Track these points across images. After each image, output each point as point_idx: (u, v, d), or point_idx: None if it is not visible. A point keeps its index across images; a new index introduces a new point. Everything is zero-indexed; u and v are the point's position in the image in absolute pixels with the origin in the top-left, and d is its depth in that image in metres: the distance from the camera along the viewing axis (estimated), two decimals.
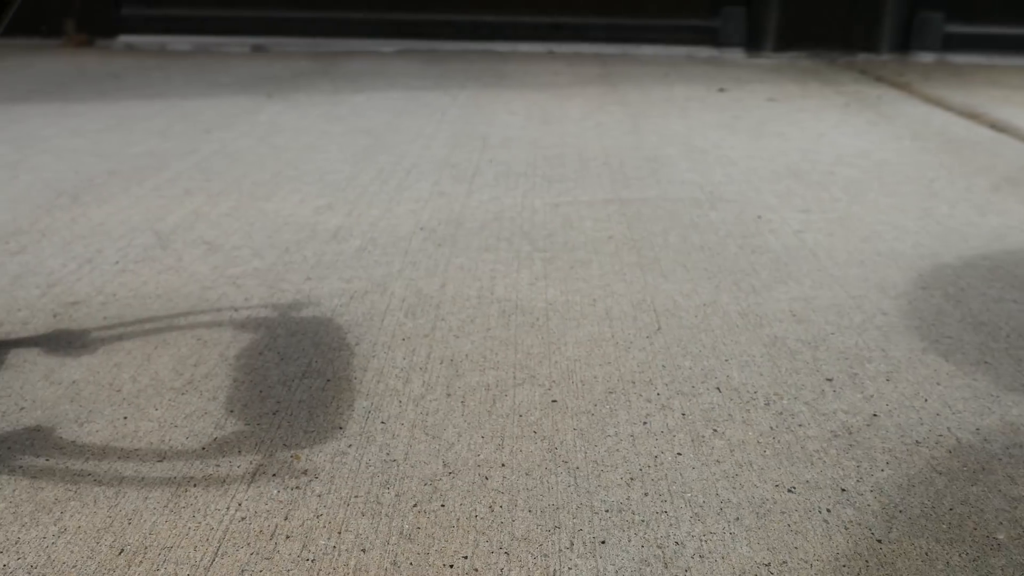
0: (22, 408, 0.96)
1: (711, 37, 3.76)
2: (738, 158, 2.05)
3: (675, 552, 0.75)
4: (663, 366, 1.06)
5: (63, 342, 1.11)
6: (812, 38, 3.71)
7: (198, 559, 0.73)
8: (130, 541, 0.75)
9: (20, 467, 0.85)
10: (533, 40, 3.78)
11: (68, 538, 0.75)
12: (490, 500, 0.81)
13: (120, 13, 3.86)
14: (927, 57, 3.68)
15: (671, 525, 0.78)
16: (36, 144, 2.11)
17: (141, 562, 0.73)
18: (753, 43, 3.75)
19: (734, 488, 0.83)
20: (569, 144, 2.18)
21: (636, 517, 0.79)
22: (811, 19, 3.67)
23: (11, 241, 1.45)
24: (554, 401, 0.98)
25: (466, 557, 0.74)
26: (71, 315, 1.19)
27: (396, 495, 0.81)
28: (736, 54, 3.75)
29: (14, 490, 0.82)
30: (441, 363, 1.06)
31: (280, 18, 3.88)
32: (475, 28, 3.81)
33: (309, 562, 0.73)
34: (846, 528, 0.78)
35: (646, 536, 0.77)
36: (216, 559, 0.73)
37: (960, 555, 0.75)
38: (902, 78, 3.20)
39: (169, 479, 0.84)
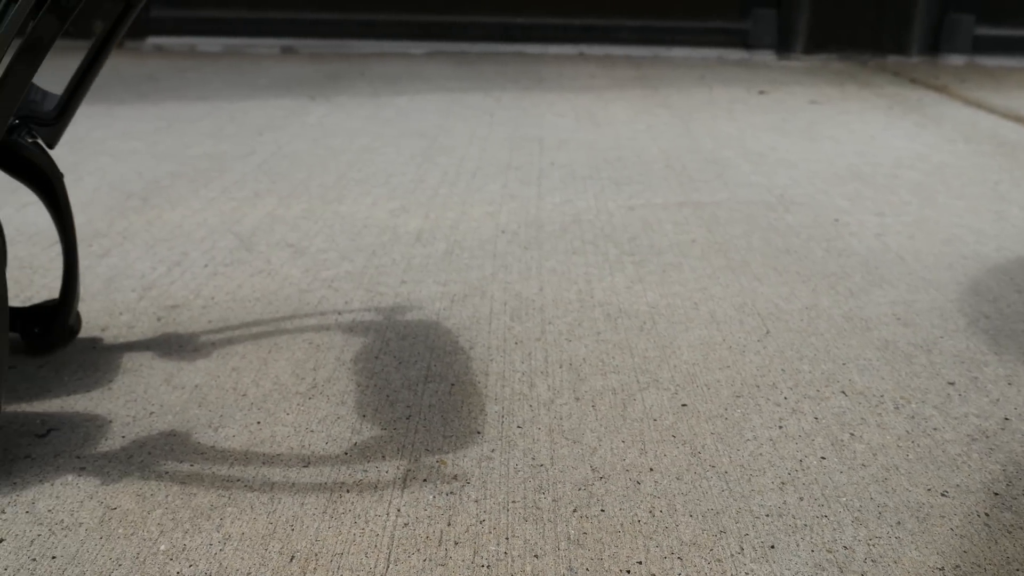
0: (151, 413, 0.95)
1: (741, 39, 3.77)
2: (797, 161, 2.05)
3: (846, 557, 0.75)
4: (782, 370, 1.06)
5: (174, 346, 1.11)
6: (841, 40, 3.72)
7: (372, 566, 0.72)
8: (298, 548, 0.74)
9: (167, 473, 0.84)
10: (563, 42, 3.78)
11: (235, 545, 0.75)
12: (648, 505, 0.81)
13: (149, 15, 3.85)
14: (957, 60, 3.70)
15: (835, 529, 0.78)
16: (91, 146, 2.10)
17: (315, 569, 0.72)
18: (783, 45, 3.75)
19: (887, 492, 0.83)
20: (625, 147, 2.18)
21: (798, 521, 0.79)
22: (841, 21, 3.68)
23: (94, 244, 1.44)
24: (684, 405, 0.98)
25: (640, 562, 0.73)
26: (174, 318, 1.18)
27: (553, 500, 0.81)
28: (766, 56, 3.76)
29: (167, 496, 0.81)
30: (560, 367, 1.06)
31: (309, 20, 3.88)
32: (504, 30, 3.81)
33: (485, 568, 0.72)
34: (1009, 532, 0.78)
35: (813, 540, 0.77)
36: (390, 565, 0.72)
37: None
38: (937, 81, 3.21)
39: (319, 484, 0.83)
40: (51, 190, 1.02)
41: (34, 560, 0.73)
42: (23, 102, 1.03)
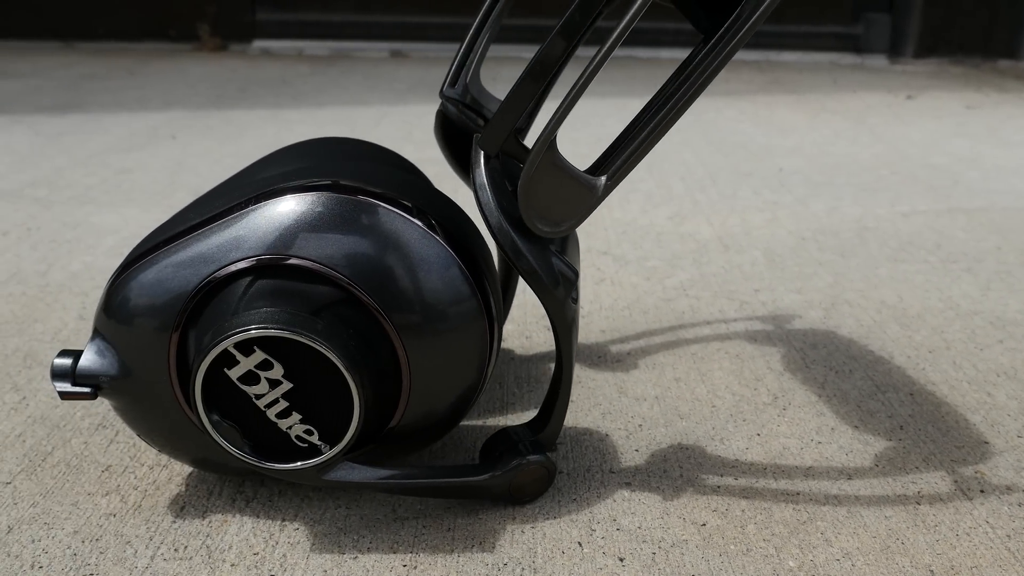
0: (640, 426, 0.94)
1: (852, 43, 3.79)
2: (1016, 167, 2.06)
3: None
4: None
5: (592, 356, 1.10)
6: (952, 44, 3.75)
7: None
8: (928, 562, 0.74)
9: (719, 487, 0.84)
10: (673, 46, 3.79)
11: (862, 560, 0.74)
12: None
13: (255, 18, 3.82)
14: None
15: None
16: None
17: None
18: (894, 49, 3.78)
19: None
20: (833, 152, 2.18)
21: None
22: (952, 25, 3.72)
23: None
24: None
25: None
26: None
27: None
28: (879, 61, 3.78)
29: (743, 511, 0.80)
30: (997, 376, 1.06)
31: (416, 23, 3.86)
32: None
33: None
34: None
35: None
36: None
37: None
38: None
39: (882, 497, 0.82)
40: None
41: None
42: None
